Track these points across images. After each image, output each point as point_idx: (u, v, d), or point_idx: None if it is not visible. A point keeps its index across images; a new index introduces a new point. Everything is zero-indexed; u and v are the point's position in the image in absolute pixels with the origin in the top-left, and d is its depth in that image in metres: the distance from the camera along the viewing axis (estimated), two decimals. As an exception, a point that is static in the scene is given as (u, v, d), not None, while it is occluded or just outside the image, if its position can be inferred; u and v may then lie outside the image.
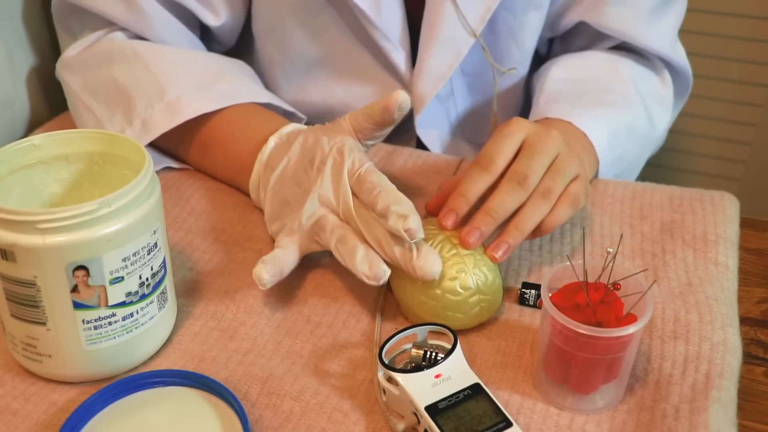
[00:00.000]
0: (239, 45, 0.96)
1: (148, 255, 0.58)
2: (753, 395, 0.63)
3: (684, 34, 0.96)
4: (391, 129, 0.71)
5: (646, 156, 0.95)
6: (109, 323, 0.58)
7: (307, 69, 0.93)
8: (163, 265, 0.60)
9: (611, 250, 0.57)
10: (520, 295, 0.68)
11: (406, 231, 0.60)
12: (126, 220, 0.55)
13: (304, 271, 0.71)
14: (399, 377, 0.56)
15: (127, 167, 0.61)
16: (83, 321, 0.57)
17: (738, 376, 0.61)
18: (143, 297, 0.59)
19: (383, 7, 0.85)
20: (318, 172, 0.67)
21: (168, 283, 0.62)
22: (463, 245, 0.64)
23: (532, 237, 0.68)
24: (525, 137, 0.68)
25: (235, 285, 0.69)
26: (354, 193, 0.65)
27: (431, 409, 0.55)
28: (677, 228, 0.76)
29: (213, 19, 0.88)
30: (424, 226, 0.62)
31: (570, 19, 0.92)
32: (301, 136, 0.72)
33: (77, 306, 0.56)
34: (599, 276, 0.57)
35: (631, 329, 0.54)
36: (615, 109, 0.85)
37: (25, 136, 0.87)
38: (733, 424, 0.57)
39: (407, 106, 0.68)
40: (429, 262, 0.60)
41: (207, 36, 0.92)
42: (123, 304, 0.58)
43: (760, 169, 1.59)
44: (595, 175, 0.83)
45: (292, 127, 0.76)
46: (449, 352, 0.58)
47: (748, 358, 0.66)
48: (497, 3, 0.85)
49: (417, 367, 0.58)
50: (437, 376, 0.57)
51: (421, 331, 0.61)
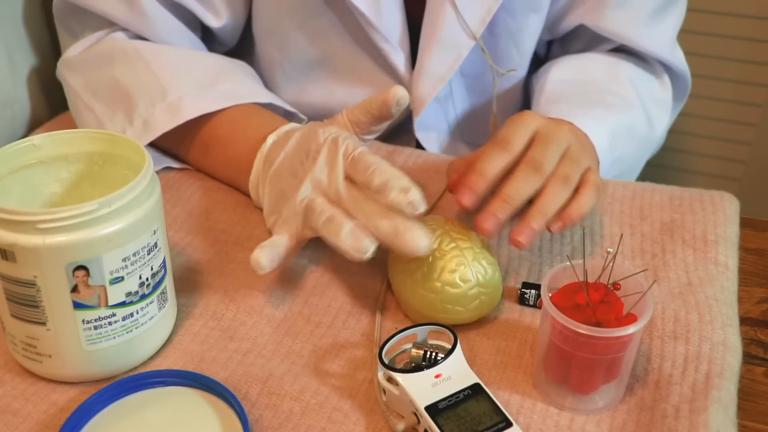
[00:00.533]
0: (240, 46, 0.96)
1: (148, 255, 0.58)
2: (753, 395, 0.63)
3: (684, 34, 0.96)
4: (387, 123, 0.71)
5: (645, 158, 0.95)
6: (109, 323, 0.58)
7: (307, 70, 0.93)
8: (163, 265, 0.60)
9: (611, 250, 0.57)
10: (520, 295, 0.68)
11: (409, 204, 0.60)
12: (126, 220, 0.55)
13: (304, 271, 0.71)
14: (399, 377, 0.56)
15: (127, 167, 0.61)
16: (83, 321, 0.57)
17: (738, 376, 0.61)
18: (143, 297, 0.59)
19: (383, 10, 0.85)
20: (312, 161, 0.67)
21: (168, 283, 0.62)
22: (479, 231, 0.64)
23: (561, 228, 0.66)
24: (537, 128, 0.68)
25: (235, 285, 0.69)
26: (349, 175, 0.65)
27: (431, 409, 0.55)
28: (677, 228, 0.76)
29: (214, 21, 0.88)
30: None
31: (570, 22, 0.92)
32: (298, 131, 0.72)
33: (77, 306, 0.56)
34: (599, 276, 0.57)
35: (631, 329, 0.54)
36: (614, 111, 0.85)
37: (25, 136, 0.87)
38: (733, 424, 0.57)
39: (405, 101, 0.68)
40: (416, 235, 0.60)
41: (208, 37, 0.92)
42: (123, 304, 0.58)
43: (760, 169, 1.58)
44: (596, 174, 0.83)
45: (291, 126, 0.76)
46: (449, 352, 0.58)
47: (748, 358, 0.66)
48: (497, 5, 0.85)
49: (417, 367, 0.58)
50: (437, 376, 0.57)
51: (421, 331, 0.61)
